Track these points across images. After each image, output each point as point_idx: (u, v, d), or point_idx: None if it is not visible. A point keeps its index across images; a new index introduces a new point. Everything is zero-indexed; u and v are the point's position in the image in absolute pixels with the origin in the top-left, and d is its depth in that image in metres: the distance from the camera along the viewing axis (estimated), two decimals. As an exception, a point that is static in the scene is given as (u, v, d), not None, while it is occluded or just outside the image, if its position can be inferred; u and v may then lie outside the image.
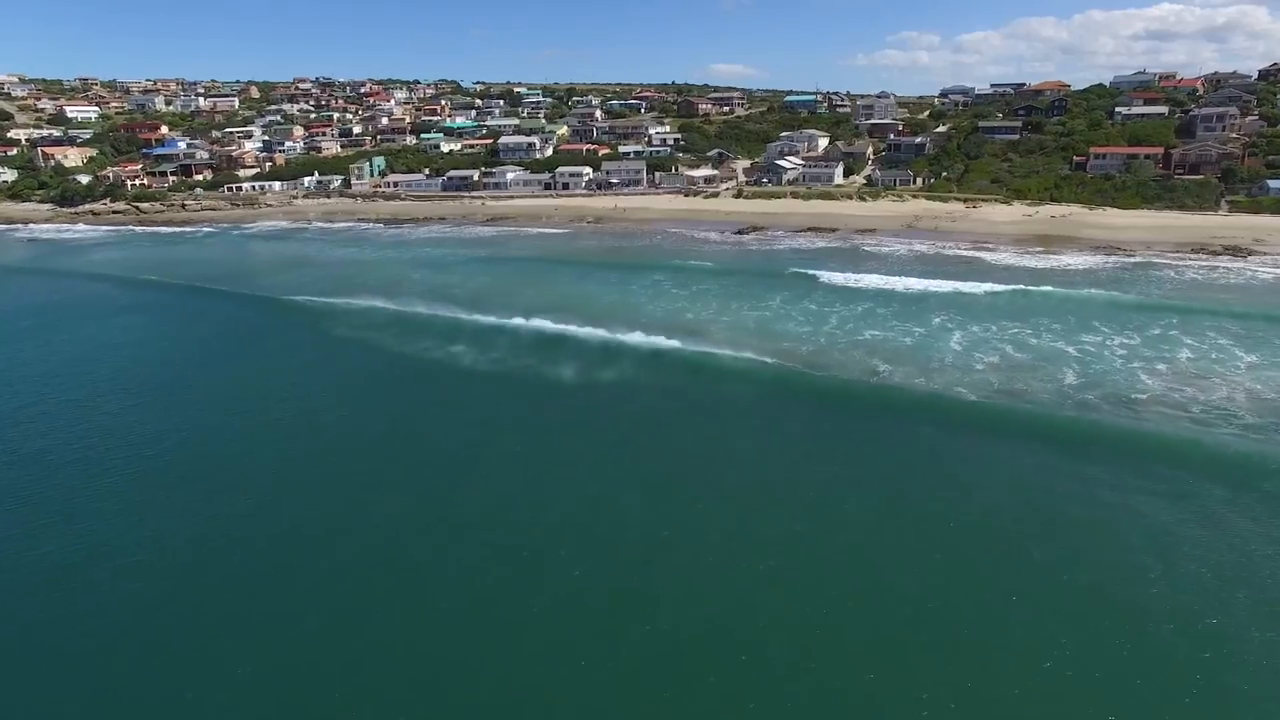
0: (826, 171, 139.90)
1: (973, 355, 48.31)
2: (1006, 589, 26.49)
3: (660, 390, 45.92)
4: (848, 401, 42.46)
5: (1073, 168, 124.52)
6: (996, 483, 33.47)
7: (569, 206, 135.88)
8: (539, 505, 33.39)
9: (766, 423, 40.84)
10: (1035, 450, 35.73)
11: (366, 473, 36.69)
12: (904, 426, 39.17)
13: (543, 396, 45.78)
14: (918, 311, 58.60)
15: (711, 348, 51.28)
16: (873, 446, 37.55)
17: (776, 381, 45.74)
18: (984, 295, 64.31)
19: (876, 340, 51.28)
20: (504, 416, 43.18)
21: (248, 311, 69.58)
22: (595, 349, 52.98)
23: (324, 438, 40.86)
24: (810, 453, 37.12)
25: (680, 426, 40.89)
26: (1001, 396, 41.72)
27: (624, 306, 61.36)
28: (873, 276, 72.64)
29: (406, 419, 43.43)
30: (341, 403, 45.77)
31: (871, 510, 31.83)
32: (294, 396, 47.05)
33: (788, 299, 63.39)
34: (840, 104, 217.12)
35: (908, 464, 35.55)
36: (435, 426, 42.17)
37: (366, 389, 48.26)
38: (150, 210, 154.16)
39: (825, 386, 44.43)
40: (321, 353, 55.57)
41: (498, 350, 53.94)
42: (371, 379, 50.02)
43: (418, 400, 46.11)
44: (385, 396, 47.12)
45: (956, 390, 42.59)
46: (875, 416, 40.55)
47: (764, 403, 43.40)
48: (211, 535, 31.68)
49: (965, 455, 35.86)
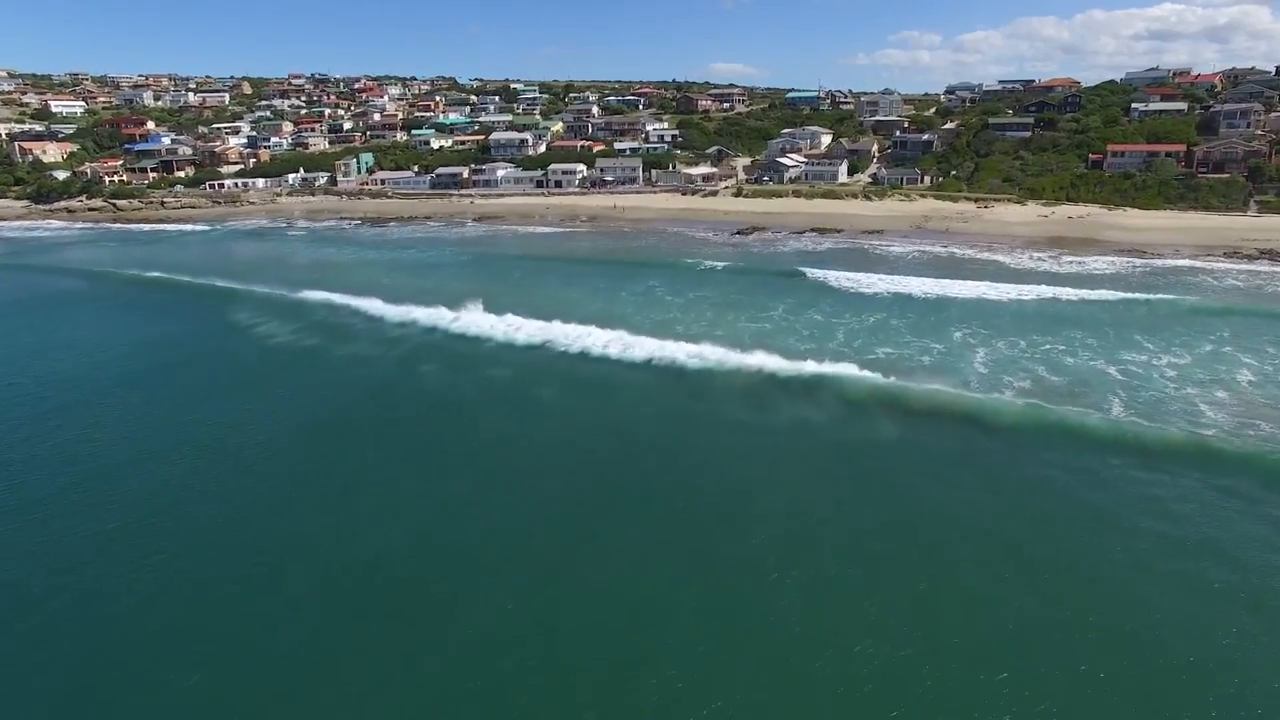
0: (830, 169, 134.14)
1: (1000, 379, 42.18)
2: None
3: (639, 412, 40.41)
4: (850, 442, 36.66)
5: (1089, 166, 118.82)
6: (1051, 537, 27.87)
7: (561, 205, 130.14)
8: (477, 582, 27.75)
9: (761, 462, 35.15)
10: (1102, 517, 29.76)
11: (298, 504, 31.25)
12: (924, 471, 33.45)
13: (507, 415, 40.26)
14: (935, 324, 52.79)
15: (702, 364, 45.61)
16: (891, 502, 31.76)
17: (771, 409, 40.11)
18: (1008, 303, 58.50)
19: (890, 359, 45.42)
20: (458, 445, 37.53)
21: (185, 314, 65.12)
22: (572, 364, 47.44)
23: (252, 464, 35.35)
24: (810, 497, 31.52)
25: (661, 455, 35.30)
26: (1039, 433, 35.92)
27: (610, 316, 55.65)
28: (883, 282, 66.89)
29: (349, 442, 37.82)
30: (281, 430, 40.15)
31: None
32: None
33: (791, 308, 57.59)
34: (843, 101, 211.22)
35: (937, 514, 29.90)
36: (372, 461, 36.47)
37: (306, 408, 42.61)
38: (128, 208, 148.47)
39: (824, 424, 38.66)
40: (258, 362, 50.02)
41: (467, 365, 48.39)
42: (309, 395, 44.41)
43: (360, 428, 40.40)
44: (329, 418, 41.44)
45: (987, 421, 36.86)
46: (885, 460, 34.73)
47: (757, 436, 37.70)
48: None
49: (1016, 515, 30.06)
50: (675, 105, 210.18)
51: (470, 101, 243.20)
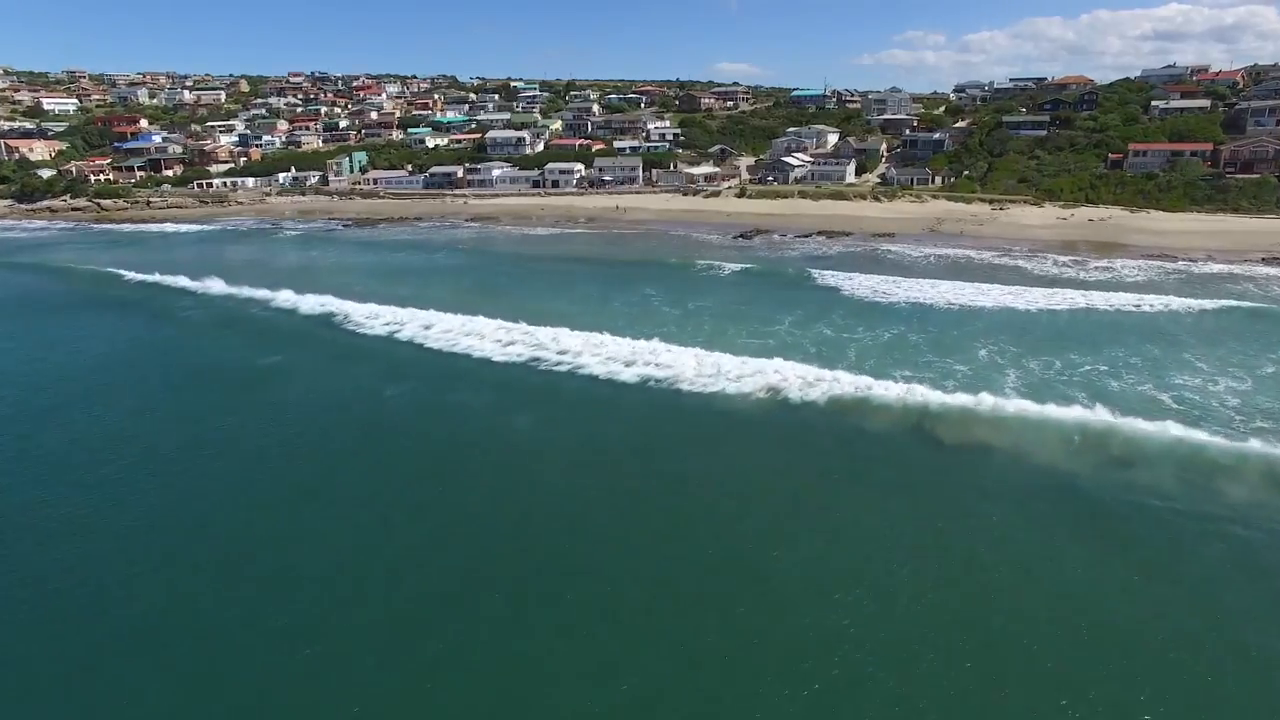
0: (838, 169, 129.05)
1: (1025, 428, 36.47)
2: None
3: (628, 442, 35.60)
4: (880, 482, 31.74)
5: (1108, 166, 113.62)
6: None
7: (557, 206, 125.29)
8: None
9: (760, 505, 30.27)
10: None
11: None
12: (945, 524, 28.51)
13: (477, 445, 35.48)
14: (959, 339, 47.67)
15: (699, 387, 40.71)
16: (938, 559, 26.85)
17: (776, 441, 35.21)
18: (1037, 314, 53.36)
19: (908, 383, 40.25)
20: (421, 483, 32.73)
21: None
22: (554, 385, 42.56)
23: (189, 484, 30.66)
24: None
25: (655, 495, 30.49)
26: (1093, 470, 30.88)
27: (600, 329, 50.69)
28: (899, 289, 61.84)
29: (305, 481, 33.09)
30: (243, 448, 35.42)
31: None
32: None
33: (799, 321, 52.49)
34: (850, 99, 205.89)
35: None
36: (309, 497, 31.73)
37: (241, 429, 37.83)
38: (112, 207, 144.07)
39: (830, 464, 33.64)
40: (195, 380, 45.26)
41: (440, 384, 43.56)
42: (254, 419, 39.63)
43: (313, 458, 35.64)
44: (279, 447, 36.66)
45: (1031, 456, 31.85)
46: (922, 506, 29.81)
47: (760, 470, 32.81)
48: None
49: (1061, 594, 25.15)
50: (678, 103, 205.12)
51: (469, 100, 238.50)
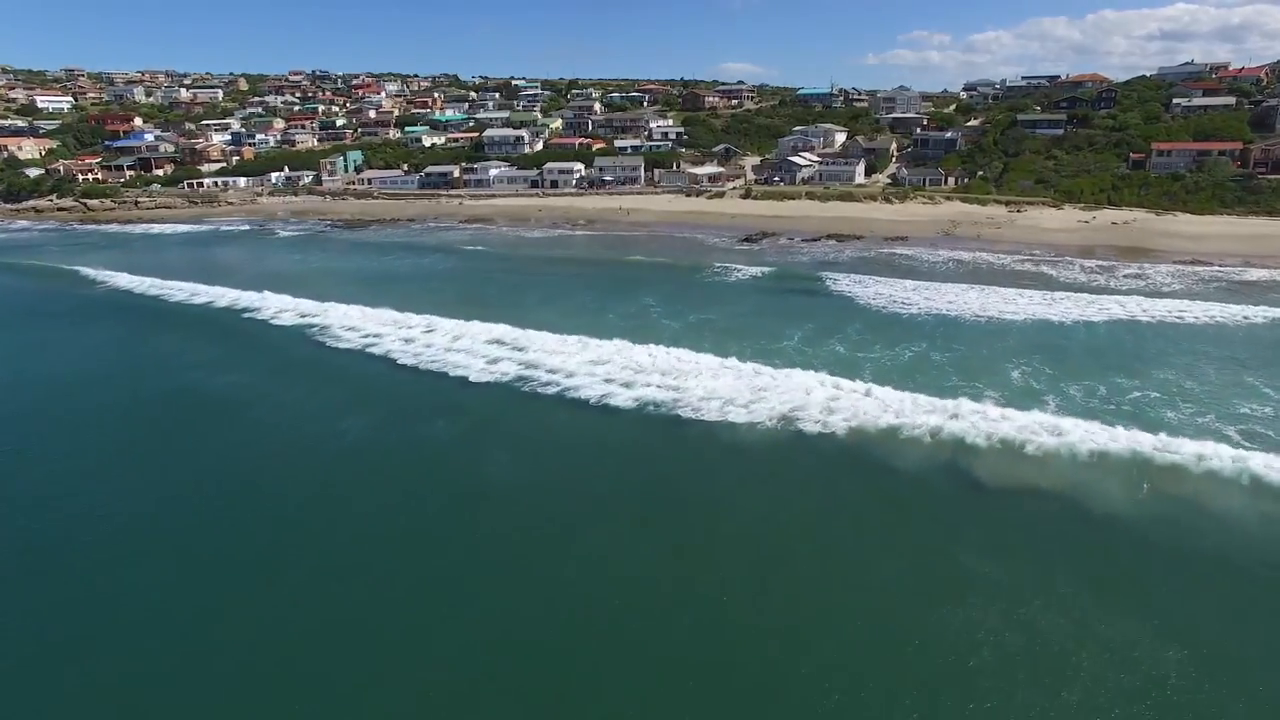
0: (846, 170, 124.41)
1: (1076, 468, 30.53)
2: None
3: (622, 480, 31.29)
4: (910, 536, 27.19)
5: (1130, 166, 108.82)
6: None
7: (555, 207, 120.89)
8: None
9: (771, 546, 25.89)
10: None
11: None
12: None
13: (441, 487, 31.17)
14: (988, 358, 42.96)
15: (700, 414, 36.24)
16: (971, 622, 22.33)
17: (787, 482, 30.73)
18: (1072, 327, 48.68)
19: (925, 425, 35.22)
20: (386, 526, 28.46)
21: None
22: (539, 410, 38.15)
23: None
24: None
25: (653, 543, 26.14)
26: (1144, 523, 26.34)
27: (593, 345, 46.29)
28: (917, 296, 57.29)
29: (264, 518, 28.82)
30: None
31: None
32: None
33: (810, 336, 47.84)
34: (857, 98, 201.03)
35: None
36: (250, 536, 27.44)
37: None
38: (99, 208, 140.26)
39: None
40: (143, 406, 41.06)
41: (413, 409, 39.24)
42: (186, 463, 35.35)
43: (268, 501, 31.42)
44: (224, 486, 32.38)
45: (1076, 521, 27.28)
46: (956, 560, 25.32)
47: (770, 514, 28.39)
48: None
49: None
50: (681, 102, 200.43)
51: (470, 99, 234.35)
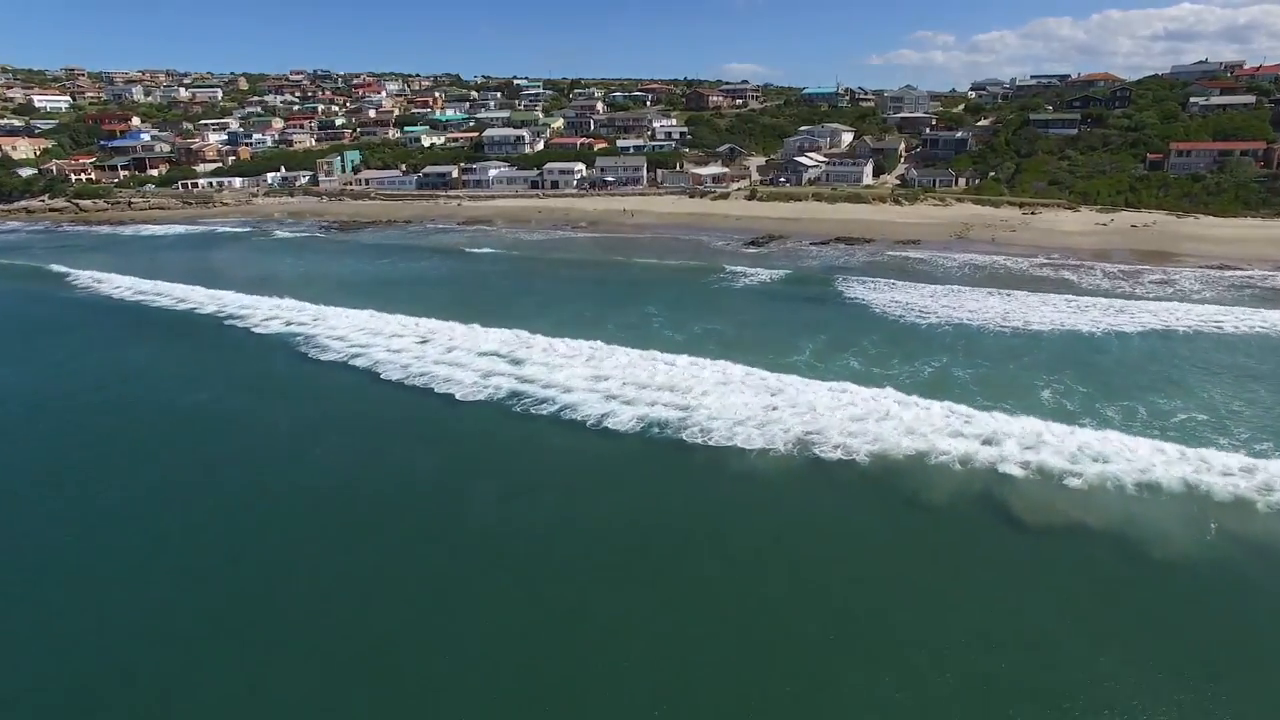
0: (854, 170, 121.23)
1: (1126, 502, 27.18)
2: None
3: (614, 524, 28.21)
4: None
5: (1148, 167, 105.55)
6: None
7: (556, 208, 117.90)
8: None
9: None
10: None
11: None
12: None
13: (416, 525, 28.25)
14: (1016, 374, 39.75)
15: (704, 438, 33.20)
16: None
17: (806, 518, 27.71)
18: (1103, 339, 45.42)
19: (954, 452, 31.95)
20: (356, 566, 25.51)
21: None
22: (530, 432, 35.14)
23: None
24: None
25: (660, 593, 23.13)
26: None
27: (590, 359, 43.25)
28: (935, 307, 54.11)
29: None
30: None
31: None
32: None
33: (823, 348, 44.72)
34: (863, 97, 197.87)
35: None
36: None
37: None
38: (91, 208, 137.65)
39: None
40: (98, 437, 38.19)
41: (393, 429, 36.29)
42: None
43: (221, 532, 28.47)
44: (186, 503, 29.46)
45: (1137, 567, 24.19)
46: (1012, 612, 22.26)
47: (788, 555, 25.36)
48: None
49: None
50: (684, 101, 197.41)
51: (471, 98, 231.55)
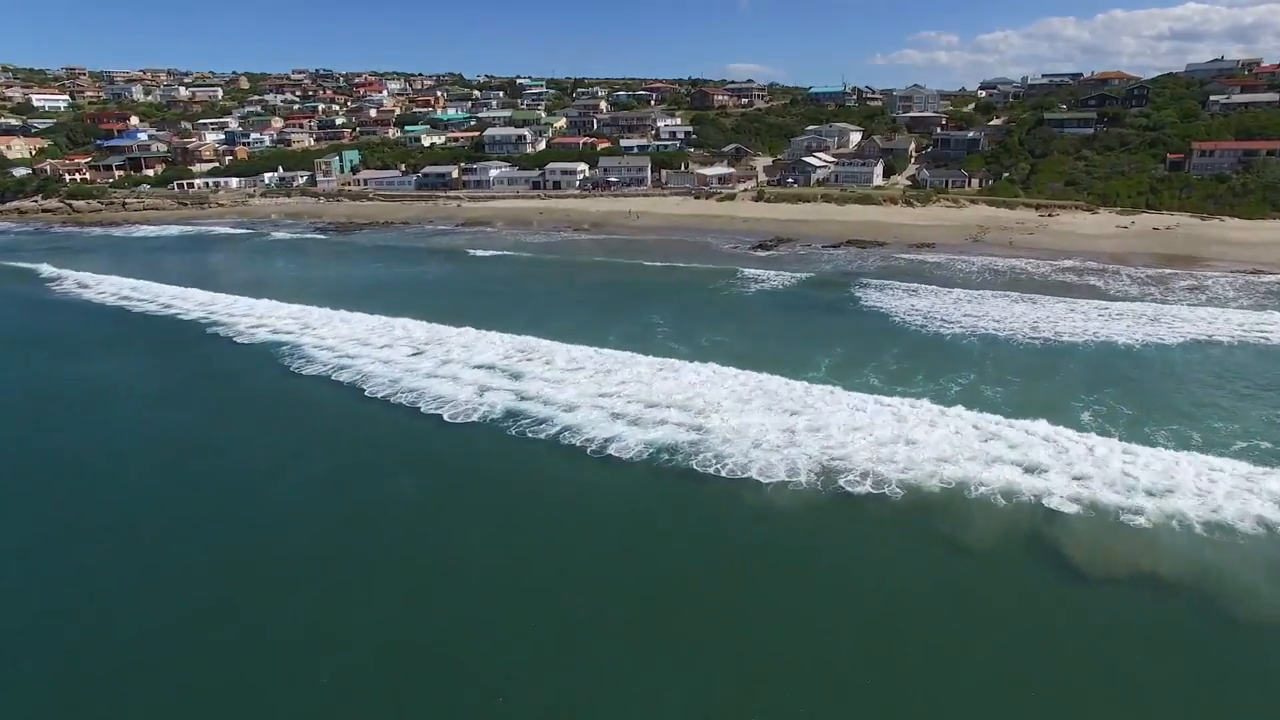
0: (864, 171, 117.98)
1: (1196, 545, 24.18)
2: None
3: (614, 568, 25.24)
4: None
5: (1168, 167, 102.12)
6: None
7: (557, 210, 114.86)
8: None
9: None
10: None
11: None
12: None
13: (390, 570, 25.26)
14: (1051, 392, 36.40)
15: (715, 467, 30.15)
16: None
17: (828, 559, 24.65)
18: (1142, 350, 42.19)
19: (994, 483, 28.40)
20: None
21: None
22: (525, 459, 32.10)
23: None
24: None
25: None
26: None
27: (589, 375, 40.15)
28: (958, 315, 50.98)
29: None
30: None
31: None
32: None
33: (841, 363, 41.52)
34: (871, 96, 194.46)
35: None
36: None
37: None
38: (85, 209, 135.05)
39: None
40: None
41: (370, 459, 33.29)
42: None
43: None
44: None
45: (1215, 623, 21.06)
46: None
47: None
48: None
49: None
50: (689, 100, 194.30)
51: (473, 97, 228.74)
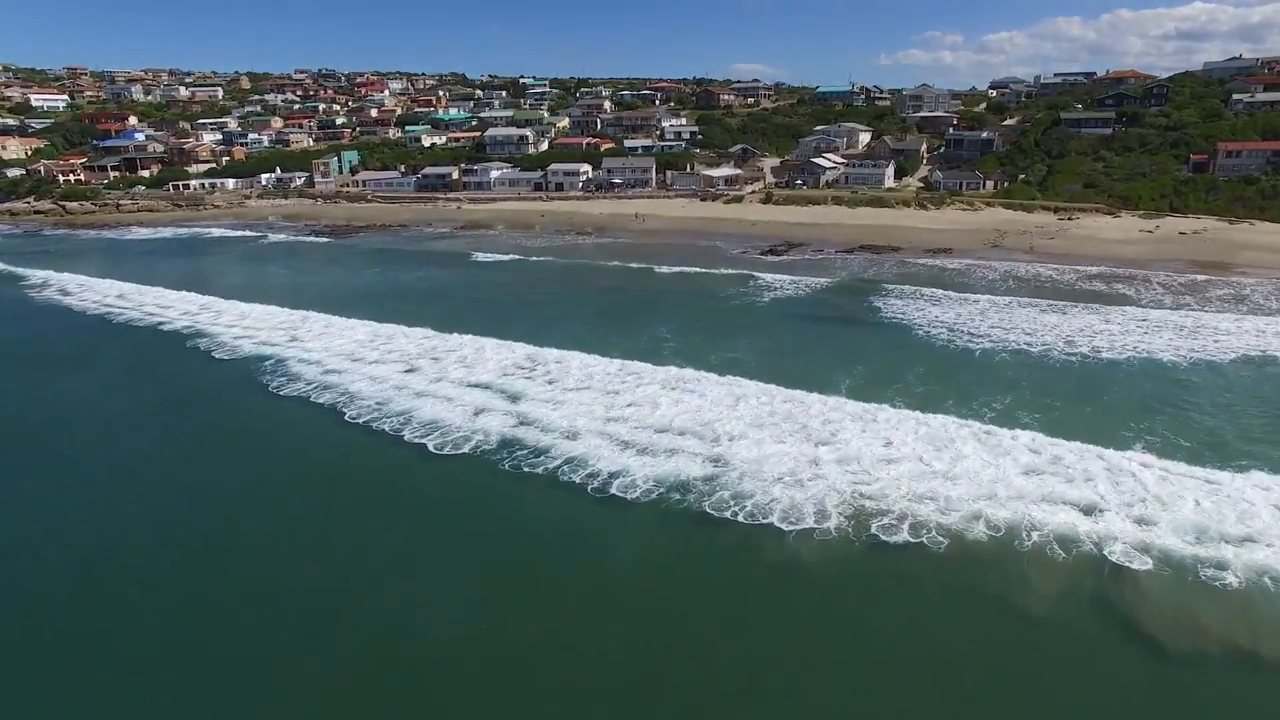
0: (875, 172, 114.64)
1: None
2: None
3: (621, 642, 22.10)
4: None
5: (1191, 169, 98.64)
6: None
7: (560, 212, 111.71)
8: None
9: None
10: None
11: None
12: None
13: (356, 647, 22.17)
14: (1096, 419, 33.02)
15: (731, 511, 26.94)
16: None
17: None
18: (1192, 368, 38.86)
19: (1047, 527, 25.29)
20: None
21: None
22: (517, 502, 28.96)
23: None
24: None
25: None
26: None
27: (589, 396, 37.00)
28: (985, 327, 47.76)
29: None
30: None
31: None
32: None
33: (862, 383, 38.06)
34: (879, 96, 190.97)
35: None
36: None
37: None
38: (78, 210, 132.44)
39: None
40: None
41: (343, 497, 30.22)
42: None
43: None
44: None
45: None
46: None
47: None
48: None
49: None
50: (694, 100, 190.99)
51: (475, 97, 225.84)
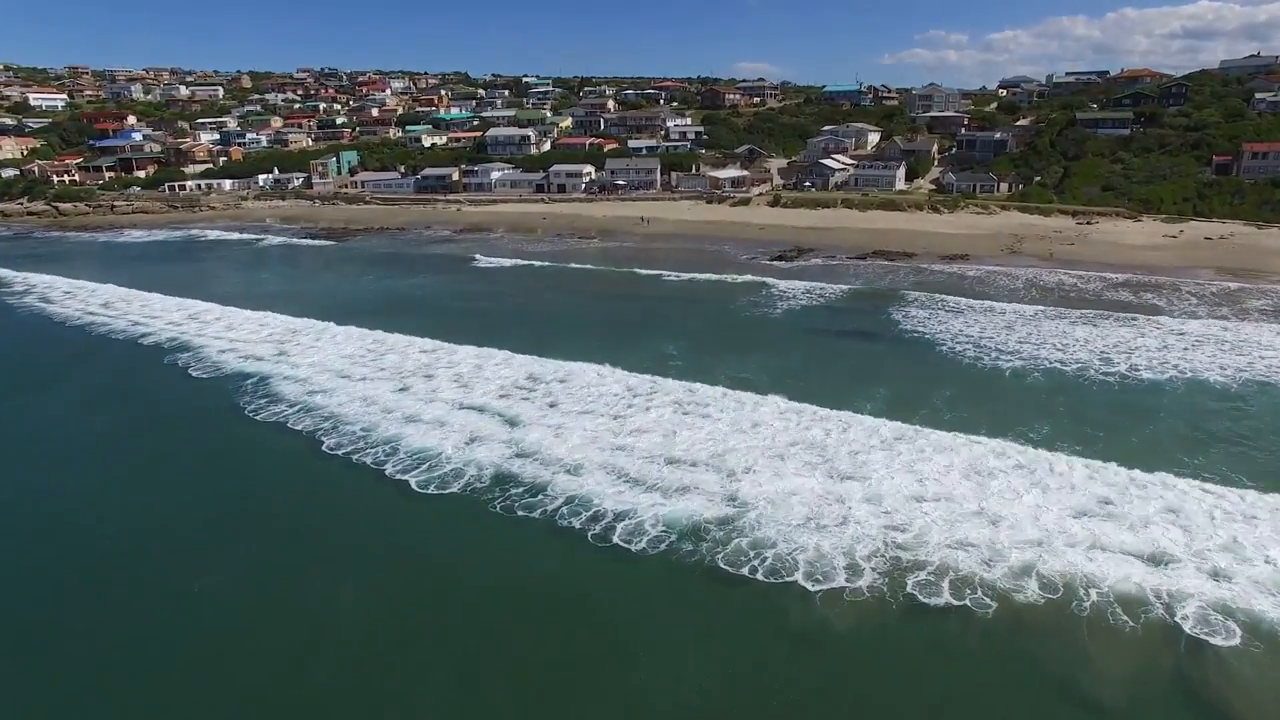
0: (886, 174, 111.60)
1: None
2: None
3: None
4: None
5: (1215, 171, 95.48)
6: None
7: (562, 214, 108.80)
8: None
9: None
10: None
11: None
12: None
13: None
14: (1144, 450, 29.87)
15: (748, 565, 24.01)
16: None
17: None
18: (1244, 390, 35.58)
19: (1107, 583, 22.18)
20: None
21: None
22: (511, 549, 26.09)
23: None
24: None
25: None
26: None
27: (589, 425, 34.11)
28: (1012, 341, 44.75)
29: None
30: None
31: None
32: None
33: (885, 405, 34.99)
34: (887, 95, 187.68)
35: None
36: None
37: None
38: (71, 211, 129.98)
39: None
40: None
41: (316, 549, 27.40)
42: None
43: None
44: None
45: None
46: None
47: None
48: None
49: None
50: (699, 100, 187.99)
51: (478, 96, 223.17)
